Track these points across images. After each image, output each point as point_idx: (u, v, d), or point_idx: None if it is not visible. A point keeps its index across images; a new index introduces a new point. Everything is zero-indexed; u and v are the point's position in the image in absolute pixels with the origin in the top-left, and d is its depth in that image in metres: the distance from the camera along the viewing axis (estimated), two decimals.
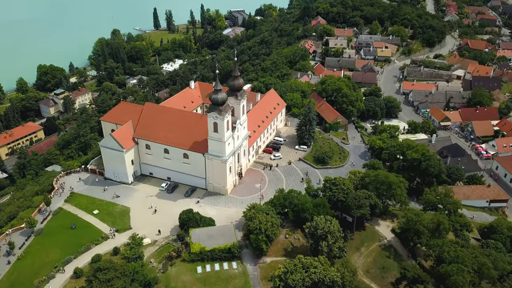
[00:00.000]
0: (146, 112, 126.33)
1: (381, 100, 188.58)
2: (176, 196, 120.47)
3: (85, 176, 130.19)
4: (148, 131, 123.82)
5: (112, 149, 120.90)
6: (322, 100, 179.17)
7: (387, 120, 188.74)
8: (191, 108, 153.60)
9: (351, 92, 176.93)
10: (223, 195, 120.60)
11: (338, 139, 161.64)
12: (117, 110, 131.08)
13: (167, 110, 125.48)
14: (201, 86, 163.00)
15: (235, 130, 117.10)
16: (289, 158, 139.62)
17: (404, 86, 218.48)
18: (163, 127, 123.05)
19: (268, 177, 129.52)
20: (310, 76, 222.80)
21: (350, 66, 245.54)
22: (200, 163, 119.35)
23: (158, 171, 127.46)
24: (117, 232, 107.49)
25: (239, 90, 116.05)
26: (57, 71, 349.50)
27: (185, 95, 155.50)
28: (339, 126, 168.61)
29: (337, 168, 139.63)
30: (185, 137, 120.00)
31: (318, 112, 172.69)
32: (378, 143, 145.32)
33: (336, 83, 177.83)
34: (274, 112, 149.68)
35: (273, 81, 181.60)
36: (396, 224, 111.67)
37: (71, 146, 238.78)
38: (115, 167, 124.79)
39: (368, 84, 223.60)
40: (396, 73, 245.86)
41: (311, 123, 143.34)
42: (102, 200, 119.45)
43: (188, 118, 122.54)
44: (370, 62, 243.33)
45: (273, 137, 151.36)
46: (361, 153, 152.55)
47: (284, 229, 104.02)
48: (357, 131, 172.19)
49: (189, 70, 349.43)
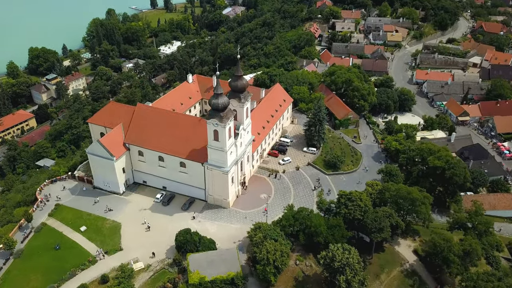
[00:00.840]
0: (138, 114, 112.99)
1: (394, 92, 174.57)
2: (173, 209, 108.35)
3: (72, 185, 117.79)
4: (140, 136, 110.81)
5: (101, 156, 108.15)
6: (331, 93, 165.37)
7: (400, 114, 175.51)
8: (189, 105, 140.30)
9: (363, 85, 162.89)
10: (225, 208, 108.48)
11: (349, 137, 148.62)
12: (106, 111, 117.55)
13: (161, 112, 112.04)
14: (199, 79, 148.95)
15: (238, 137, 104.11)
16: (297, 163, 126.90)
17: (418, 75, 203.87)
18: (157, 131, 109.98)
19: (274, 186, 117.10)
20: (316, 64, 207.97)
21: (358, 53, 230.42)
22: (198, 173, 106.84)
23: (153, 179, 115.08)
24: (106, 254, 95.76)
25: (242, 91, 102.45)
26: (50, 54, 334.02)
27: (183, 90, 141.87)
28: (349, 122, 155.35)
29: (350, 173, 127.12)
30: (182, 144, 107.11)
31: (327, 106, 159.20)
32: (394, 145, 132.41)
33: (346, 74, 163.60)
34: (280, 110, 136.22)
35: (277, 72, 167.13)
36: (418, 243, 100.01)
37: (64, 137, 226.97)
38: (104, 176, 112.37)
39: (378, 72, 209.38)
40: (408, 60, 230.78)
41: (321, 123, 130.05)
42: (90, 214, 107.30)
43: (185, 122, 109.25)
44: (380, 48, 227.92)
45: (279, 137, 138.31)
46: (375, 154, 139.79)
47: (294, 254, 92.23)
48: (369, 127, 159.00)
49: (187, 54, 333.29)
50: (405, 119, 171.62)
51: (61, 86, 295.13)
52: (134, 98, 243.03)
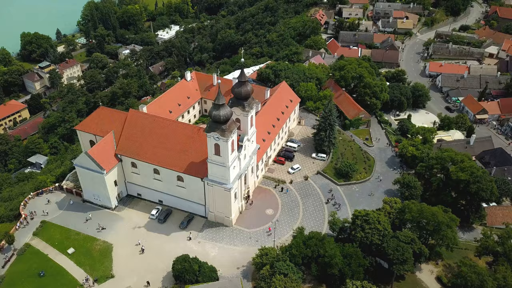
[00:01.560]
0: (131, 122, 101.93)
1: (408, 88, 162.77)
2: (169, 228, 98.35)
3: (59, 197, 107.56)
4: (133, 146, 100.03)
5: (90, 169, 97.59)
6: (340, 89, 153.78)
7: (413, 111, 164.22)
8: (188, 106, 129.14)
9: (375, 81, 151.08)
10: (227, 226, 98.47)
11: (360, 139, 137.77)
12: (95, 117, 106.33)
13: (156, 120, 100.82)
14: (198, 77, 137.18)
15: (242, 149, 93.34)
16: (305, 171, 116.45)
17: (431, 67, 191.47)
18: (152, 141, 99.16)
19: (281, 199, 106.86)
20: (323, 55, 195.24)
21: (367, 41, 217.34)
22: (198, 188, 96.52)
23: (148, 192, 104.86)
24: (96, 282, 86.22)
25: (246, 98, 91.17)
26: (43, 40, 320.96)
27: (180, 89, 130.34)
28: (360, 122, 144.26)
29: (362, 182, 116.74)
30: (179, 156, 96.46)
31: (336, 104, 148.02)
32: (411, 150, 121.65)
33: (357, 70, 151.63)
34: (287, 112, 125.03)
35: (283, 66, 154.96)
36: (441, 268, 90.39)
37: (58, 130, 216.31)
38: (94, 189, 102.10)
39: (389, 64, 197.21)
40: (420, 49, 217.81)
41: (332, 128, 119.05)
42: (79, 233, 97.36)
43: (183, 131, 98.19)
44: (390, 37, 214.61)
45: (285, 141, 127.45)
46: (388, 159, 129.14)
47: (305, 285, 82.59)
48: (381, 127, 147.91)
49: (186, 40, 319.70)
50: (419, 117, 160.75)
51: (55, 75, 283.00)
52: (130, 90, 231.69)
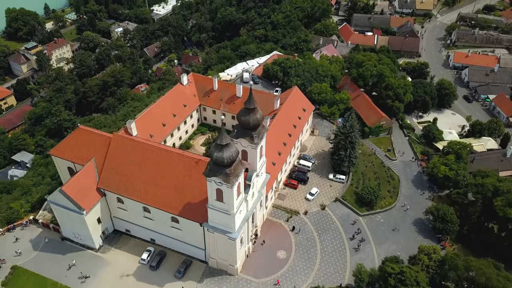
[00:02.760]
0: (115, 149, 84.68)
1: (433, 86, 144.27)
2: (163, 277, 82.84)
3: (34, 233, 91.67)
4: (119, 180, 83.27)
5: (67, 208, 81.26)
6: (357, 89, 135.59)
7: (438, 111, 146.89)
8: (185, 115, 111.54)
9: (397, 80, 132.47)
10: (231, 275, 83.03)
11: (381, 150, 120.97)
12: (73, 140, 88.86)
13: (145, 148, 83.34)
14: (196, 80, 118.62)
15: (250, 188, 76.69)
16: (321, 199, 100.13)
17: (456, 57, 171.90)
18: (141, 175, 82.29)
19: (294, 237, 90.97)
20: (335, 43, 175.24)
21: (384, 26, 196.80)
22: (196, 231, 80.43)
23: (138, 229, 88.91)
24: None
25: (255, 128, 73.69)
26: (30, 17, 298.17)
27: (176, 96, 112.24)
28: (381, 130, 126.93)
29: (387, 210, 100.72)
30: (173, 195, 79.87)
31: (353, 107, 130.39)
32: (443, 170, 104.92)
33: (377, 67, 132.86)
34: (299, 124, 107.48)
35: (292, 63, 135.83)
36: None
37: (45, 122, 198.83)
38: (74, 229, 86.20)
39: (408, 53, 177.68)
40: (441, 34, 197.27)
41: (353, 146, 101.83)
42: (57, 283, 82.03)
43: (178, 164, 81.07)
44: (409, 21, 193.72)
45: (297, 157, 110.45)
46: (415, 177, 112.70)
47: None
48: (403, 133, 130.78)
49: (183, 18, 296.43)
50: (444, 119, 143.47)
51: (42, 57, 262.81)
52: (123, 78, 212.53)
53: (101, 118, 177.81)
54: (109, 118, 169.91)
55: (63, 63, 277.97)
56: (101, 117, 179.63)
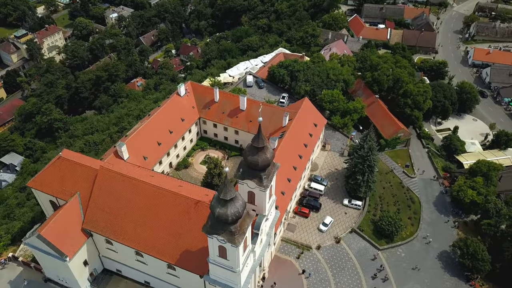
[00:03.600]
0: (102, 184, 73.63)
1: (453, 90, 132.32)
2: None
3: (14, 273, 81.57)
4: (106, 220, 72.55)
5: (47, 253, 70.86)
6: (372, 95, 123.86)
7: (457, 117, 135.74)
8: (182, 131, 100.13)
9: (417, 86, 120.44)
10: None
11: (399, 165, 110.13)
12: (54, 171, 77.64)
13: (136, 185, 72.18)
14: (195, 89, 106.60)
15: (258, 237, 66.06)
16: (335, 230, 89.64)
17: (476, 54, 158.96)
18: (132, 215, 71.53)
19: (306, 281, 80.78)
20: (345, 38, 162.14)
21: (397, 17, 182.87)
22: (195, 281, 70.13)
23: (130, 271, 78.72)
24: None
25: (264, 169, 62.53)
26: (20, 1, 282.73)
27: (172, 109, 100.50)
28: (399, 142, 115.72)
29: (408, 242, 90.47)
30: (169, 240, 69.24)
31: (367, 116, 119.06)
32: (471, 195, 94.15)
33: (395, 71, 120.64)
34: (311, 143, 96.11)
35: (301, 66, 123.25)
36: None
37: (36, 118, 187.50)
38: (58, 272, 76.07)
39: (424, 49, 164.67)
40: (458, 26, 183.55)
41: (372, 170, 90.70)
42: None
43: (174, 204, 70.14)
44: (424, 12, 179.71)
45: (307, 179, 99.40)
46: (437, 199, 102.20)
47: None
48: (422, 144, 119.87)
49: (181, 3, 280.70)
50: (465, 126, 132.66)
51: (33, 46, 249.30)
52: (117, 72, 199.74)
53: (94, 119, 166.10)
54: (102, 120, 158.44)
55: (55, 52, 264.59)
56: (94, 118, 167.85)
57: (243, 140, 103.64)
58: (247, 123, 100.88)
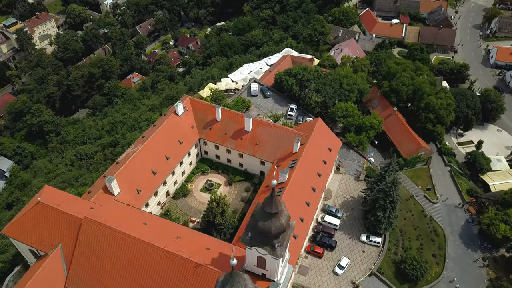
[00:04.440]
0: (87, 237, 63.57)
1: (476, 99, 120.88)
2: None
3: None
4: (92, 277, 62.79)
5: None
6: (389, 106, 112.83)
7: (481, 127, 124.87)
8: (181, 156, 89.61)
9: (440, 97, 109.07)
10: None
11: (419, 188, 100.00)
12: (32, 218, 67.43)
13: (125, 242, 62.00)
14: (195, 106, 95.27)
15: None
16: (353, 273, 80.00)
17: (499, 54, 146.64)
18: (121, 275, 61.72)
19: None
20: (357, 36, 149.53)
21: (412, 11, 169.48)
22: None
23: None
24: None
25: (277, 236, 52.30)
26: None
27: (169, 131, 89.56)
28: (419, 161, 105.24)
29: (434, 285, 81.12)
30: None
31: (385, 131, 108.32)
32: (503, 230, 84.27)
33: (415, 80, 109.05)
34: (325, 172, 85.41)
35: (311, 74, 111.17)
36: None
37: (26, 117, 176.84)
38: None
39: (442, 47, 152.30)
40: (477, 21, 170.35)
41: (394, 205, 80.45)
42: None
43: (168, 266, 60.10)
44: (441, 6, 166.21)
45: (319, 210, 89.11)
46: (462, 230, 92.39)
47: None
48: (443, 161, 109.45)
49: None
50: (489, 138, 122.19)
51: (23, 35, 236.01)
52: (111, 69, 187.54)
53: (86, 123, 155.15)
54: (94, 126, 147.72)
55: (46, 42, 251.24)
56: (86, 122, 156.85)
57: (248, 163, 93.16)
58: (253, 146, 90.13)
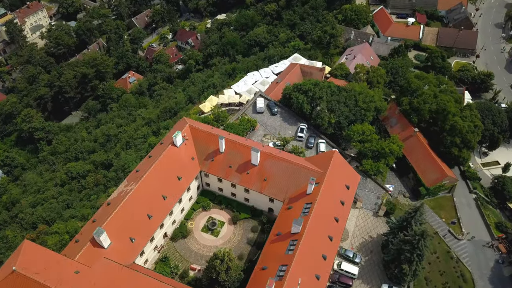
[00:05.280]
0: None
1: (503, 116, 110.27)
2: None
3: None
4: None
5: None
6: (409, 127, 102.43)
7: (506, 146, 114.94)
8: (179, 194, 79.96)
9: (465, 116, 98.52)
10: None
11: (443, 221, 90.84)
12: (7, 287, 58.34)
13: None
14: (195, 136, 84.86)
15: None
16: None
17: None
18: None
19: None
20: (371, 39, 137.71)
21: (429, 8, 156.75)
22: None
23: None
24: None
25: None
26: None
27: (167, 166, 79.52)
28: (442, 189, 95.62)
29: None
30: None
31: (404, 154, 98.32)
32: None
33: (440, 98, 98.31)
34: (343, 214, 75.56)
35: (323, 91, 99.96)
36: None
37: (16, 120, 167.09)
38: None
39: (462, 50, 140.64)
40: (499, 19, 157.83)
41: (420, 257, 71.02)
42: None
43: None
44: (463, 4, 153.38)
45: (337, 255, 79.75)
46: (492, 273, 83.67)
47: None
48: (468, 187, 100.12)
49: None
50: None
51: (13, 27, 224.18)
52: (105, 70, 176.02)
53: (78, 134, 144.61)
54: (87, 138, 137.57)
55: (38, 33, 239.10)
56: (79, 132, 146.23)
57: (255, 200, 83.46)
58: (261, 181, 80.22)
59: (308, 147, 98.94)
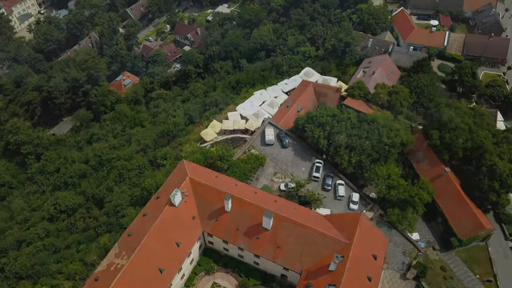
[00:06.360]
0: None
1: None
2: None
3: None
4: None
5: None
6: (438, 164, 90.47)
7: None
8: (179, 264, 69.10)
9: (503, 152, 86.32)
10: None
11: (476, 277, 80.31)
12: None
13: None
14: (197, 191, 73.16)
15: None
16: None
17: None
18: None
19: None
20: (390, 48, 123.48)
21: (453, 9, 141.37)
22: None
23: None
24: None
25: None
26: None
27: (164, 231, 68.35)
28: (476, 239, 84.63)
29: None
30: None
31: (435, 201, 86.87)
32: None
33: (475, 134, 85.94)
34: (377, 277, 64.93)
35: (341, 125, 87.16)
36: None
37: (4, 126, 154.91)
38: None
39: (491, 60, 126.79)
40: None
41: None
42: None
43: None
44: (491, 3, 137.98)
45: None
46: None
47: None
48: (504, 234, 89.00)
49: None
50: None
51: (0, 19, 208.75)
52: (98, 72, 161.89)
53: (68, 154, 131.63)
54: (79, 157, 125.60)
55: (26, 23, 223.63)
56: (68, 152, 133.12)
57: (266, 266, 72.46)
58: (274, 248, 68.95)
59: (324, 189, 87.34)
